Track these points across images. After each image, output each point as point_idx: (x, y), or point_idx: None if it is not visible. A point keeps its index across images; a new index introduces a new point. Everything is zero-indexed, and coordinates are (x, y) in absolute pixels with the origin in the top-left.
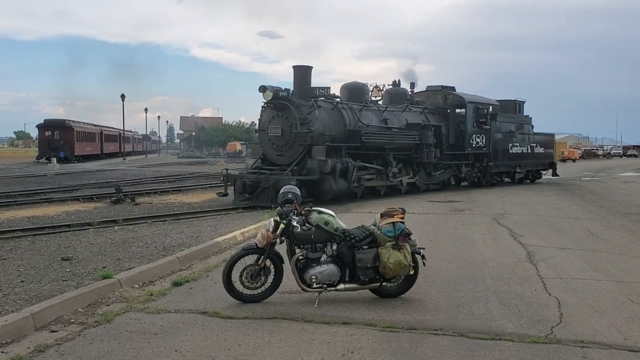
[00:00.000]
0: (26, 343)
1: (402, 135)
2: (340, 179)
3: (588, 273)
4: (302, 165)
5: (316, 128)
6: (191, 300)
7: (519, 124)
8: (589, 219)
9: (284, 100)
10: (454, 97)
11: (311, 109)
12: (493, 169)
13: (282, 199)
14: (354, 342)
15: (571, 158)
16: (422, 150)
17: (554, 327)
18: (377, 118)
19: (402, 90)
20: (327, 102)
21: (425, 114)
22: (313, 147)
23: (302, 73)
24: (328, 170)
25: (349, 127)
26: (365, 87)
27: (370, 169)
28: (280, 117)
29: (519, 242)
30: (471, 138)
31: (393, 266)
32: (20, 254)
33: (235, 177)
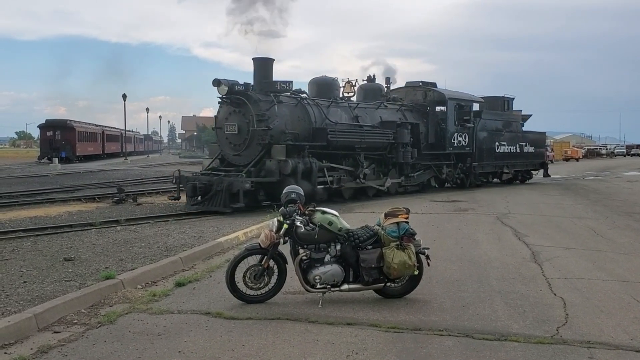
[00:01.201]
0: (29, 344)
1: (374, 133)
2: (303, 181)
3: (593, 273)
4: (261, 166)
5: (276, 125)
6: (194, 300)
7: (507, 122)
8: (594, 219)
9: (241, 95)
10: (434, 94)
11: (271, 104)
12: (477, 169)
13: (285, 199)
14: (359, 342)
15: (574, 157)
16: (398, 150)
17: (560, 327)
18: (347, 115)
19: (377, 86)
20: (291, 97)
21: (402, 111)
22: (273, 146)
23: (263, 66)
24: (289, 172)
25: (315, 125)
26: (335, 81)
27: (338, 170)
28: (237, 113)
29: (523, 241)
30: (453, 137)
31: (397, 266)
32: (23, 254)
33: (188, 179)
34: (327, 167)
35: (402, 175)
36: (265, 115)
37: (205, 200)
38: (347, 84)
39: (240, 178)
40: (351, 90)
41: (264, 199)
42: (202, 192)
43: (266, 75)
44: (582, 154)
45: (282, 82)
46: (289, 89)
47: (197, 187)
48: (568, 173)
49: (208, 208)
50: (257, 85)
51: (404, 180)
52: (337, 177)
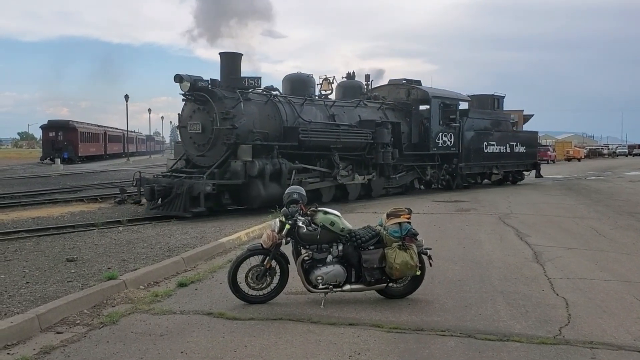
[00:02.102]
0: (32, 344)
1: (351, 133)
2: (272, 183)
3: (595, 273)
4: (226, 167)
5: (243, 124)
6: (196, 301)
7: (496, 121)
8: (596, 219)
9: (204, 92)
10: (418, 92)
11: (237, 102)
12: (464, 170)
13: (287, 200)
14: (361, 343)
15: (576, 157)
16: (378, 151)
17: (562, 327)
18: (323, 114)
19: (356, 83)
20: (261, 95)
21: (383, 110)
22: (239, 146)
23: (230, 61)
24: (255, 173)
25: (286, 124)
26: (310, 78)
27: (312, 172)
28: (201, 111)
29: (525, 242)
30: (437, 137)
31: (399, 267)
32: (25, 255)
33: (148, 181)
34: (299, 168)
35: (383, 176)
36: (231, 113)
37: (165, 203)
38: (325, 81)
39: (201, 180)
40: (329, 88)
41: (229, 202)
42: (162, 196)
43: (234, 71)
44: (584, 154)
45: (250, 78)
46: (257, 85)
47: (155, 190)
48: (570, 173)
49: (167, 212)
50: (224, 81)
51: (385, 181)
52: (299, 179)
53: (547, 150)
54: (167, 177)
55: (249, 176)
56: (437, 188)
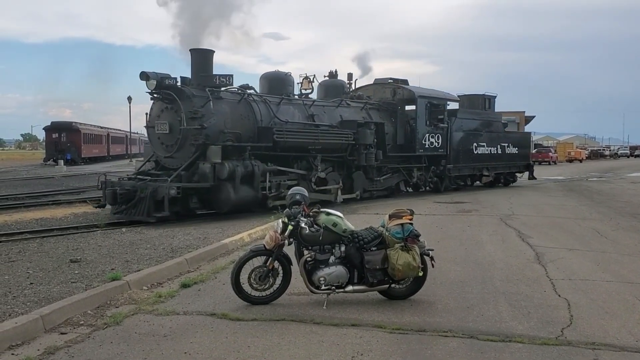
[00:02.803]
0: (36, 345)
1: (331, 134)
2: (244, 186)
3: (598, 274)
4: (194, 169)
5: (213, 124)
6: (200, 302)
7: (486, 122)
8: (598, 220)
9: (171, 90)
10: (403, 92)
11: (206, 100)
12: (453, 172)
13: (290, 201)
14: (364, 344)
15: (578, 158)
16: (360, 152)
17: (565, 328)
18: (301, 114)
19: (338, 82)
20: (235, 93)
21: (367, 109)
22: (208, 147)
23: (201, 58)
24: (225, 176)
25: (261, 124)
26: (288, 77)
27: (289, 174)
28: (169, 110)
29: (527, 243)
30: (424, 138)
31: (402, 268)
32: (29, 256)
33: (113, 184)
34: (274, 170)
35: (367, 178)
36: (199, 112)
37: (128, 208)
38: (305, 80)
39: (166, 183)
40: (309, 87)
41: (198, 206)
42: (125, 199)
43: (205, 68)
44: (586, 155)
45: (222, 75)
46: (228, 83)
47: (117, 193)
48: (571, 174)
49: (130, 217)
50: (195, 79)
51: (369, 184)
52: (277, 182)
53: (548, 152)
54: (132, 180)
55: (218, 179)
56: (425, 191)
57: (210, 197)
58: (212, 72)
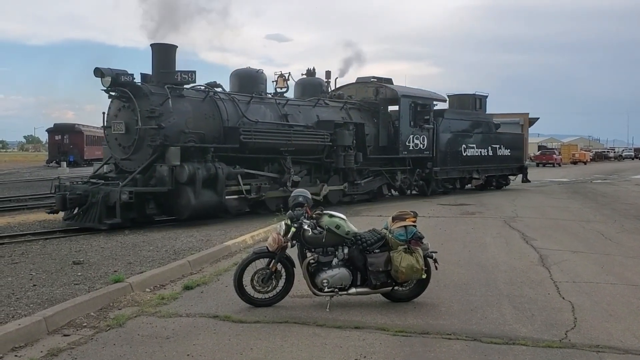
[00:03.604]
0: (39, 347)
1: (306, 134)
2: (206, 191)
3: (602, 277)
4: (152, 172)
5: (172, 123)
6: (202, 304)
7: (476, 122)
8: (602, 222)
9: (126, 88)
10: (386, 91)
11: (164, 98)
12: (440, 175)
13: (292, 203)
14: (367, 346)
15: (582, 160)
16: (338, 154)
17: (569, 331)
18: (274, 113)
19: (316, 80)
20: (199, 91)
21: (346, 109)
22: (167, 148)
23: (163, 53)
24: (185, 179)
25: (227, 124)
26: (261, 74)
27: (259, 177)
28: (126, 109)
29: (531, 245)
30: (408, 139)
31: (405, 270)
32: (32, 257)
33: (67, 188)
34: (241, 173)
35: (346, 182)
36: (156, 111)
37: (79, 213)
38: (280, 78)
39: (117, 188)
40: (284, 85)
41: (155, 212)
42: (75, 205)
43: (167, 64)
44: (590, 157)
45: (184, 72)
46: (191, 80)
47: (67, 198)
48: (576, 176)
49: (82, 224)
50: (155, 76)
51: (349, 187)
52: (257, 185)
53: (552, 154)
54: (84, 184)
55: (177, 183)
56: (411, 194)
57: (169, 202)
58: (175, 69)
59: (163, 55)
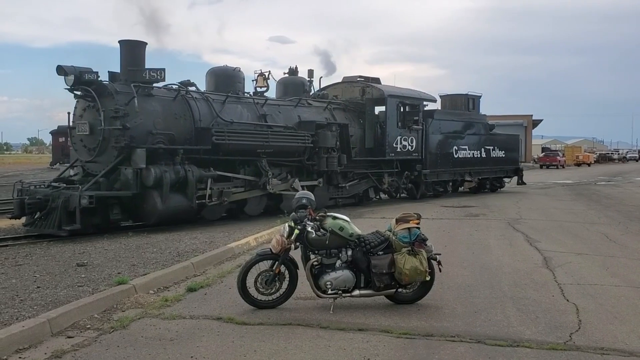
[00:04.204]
0: (43, 349)
1: (285, 135)
2: (175, 195)
3: (606, 279)
4: (117, 175)
5: (139, 124)
6: (206, 306)
7: (468, 123)
8: (606, 224)
9: (89, 86)
10: (372, 91)
11: (131, 98)
12: (430, 177)
13: (296, 205)
14: (370, 348)
15: (586, 162)
16: (320, 156)
17: (573, 333)
18: (251, 113)
19: (299, 80)
20: (170, 90)
21: (330, 110)
22: (133, 150)
23: (131, 50)
24: (151, 183)
25: (200, 124)
26: (238, 73)
27: (234, 180)
28: (90, 109)
29: (535, 247)
30: (395, 141)
31: (409, 272)
32: (36, 259)
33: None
34: (214, 176)
35: (331, 185)
36: (121, 111)
37: (40, 219)
38: (260, 77)
39: (79, 192)
40: (264, 84)
41: (120, 217)
42: (35, 209)
43: (135, 62)
44: (594, 158)
45: (152, 69)
46: (160, 78)
47: (25, 203)
48: (580, 178)
49: (41, 230)
50: (123, 74)
51: (333, 191)
52: (219, 189)
53: (556, 155)
54: (45, 188)
55: (143, 186)
56: (398, 198)
57: (136, 207)
58: (144, 67)
59: (131, 53)
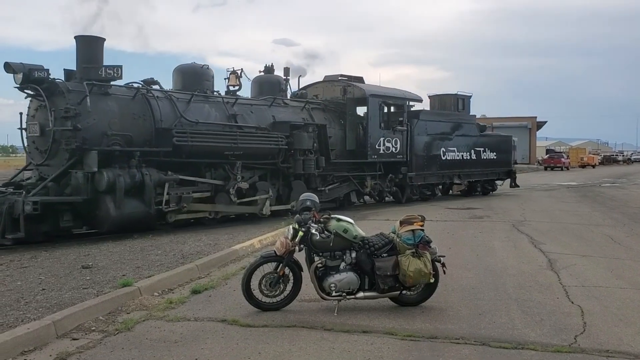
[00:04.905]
0: (48, 351)
1: (257, 137)
2: (131, 200)
3: (611, 281)
4: (68, 179)
5: (92, 124)
6: (210, 308)
7: (457, 124)
8: (611, 226)
9: (38, 84)
10: (354, 90)
11: (83, 96)
12: (416, 180)
13: (300, 207)
14: (375, 351)
15: (590, 164)
16: (296, 158)
17: (578, 336)
18: (220, 113)
19: (274, 78)
20: (130, 88)
21: (308, 110)
22: (86, 152)
23: (87, 46)
24: (104, 187)
25: (161, 125)
26: (207, 70)
27: (199, 184)
28: (42, 109)
29: (539, 249)
30: (378, 142)
31: (413, 274)
32: (41, 262)
33: None
34: (175, 180)
35: (310, 189)
36: (72, 110)
37: None
38: (232, 75)
39: (22, 197)
40: (237, 83)
41: (72, 224)
42: None
43: (92, 59)
44: (599, 160)
45: (108, 67)
46: (117, 76)
47: None
48: (584, 180)
49: None
50: (79, 72)
51: None
52: (177, 194)
53: (561, 157)
54: None
55: (96, 191)
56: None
57: (89, 213)
58: (102, 64)
59: (88, 49)
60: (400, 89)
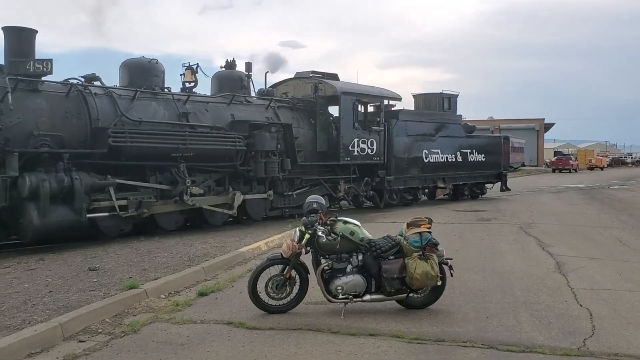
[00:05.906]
0: (55, 353)
1: (210, 138)
2: (58, 207)
3: (620, 284)
4: None
5: (16, 124)
6: (217, 310)
7: (441, 124)
8: (620, 228)
9: None
10: (325, 87)
11: (4, 93)
12: (395, 184)
13: (307, 209)
14: (381, 353)
15: (599, 166)
16: (257, 161)
17: (587, 339)
18: (169, 112)
19: (236, 74)
20: (65, 84)
21: (274, 108)
22: (7, 154)
23: (16, 39)
24: (26, 194)
25: (98, 124)
26: (155, 65)
27: (142, 189)
28: None
29: (547, 252)
30: (351, 143)
31: (420, 277)
32: (48, 264)
33: None
34: (111, 184)
35: (275, 193)
36: None
37: None
38: (188, 71)
39: None
40: (192, 79)
41: None
42: None
43: (22, 52)
44: (607, 162)
45: (38, 61)
46: (46, 70)
47: None
48: (593, 182)
49: None
50: (6, 67)
51: (277, 199)
52: (137, 199)
53: (569, 159)
54: None
55: (18, 198)
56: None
57: (13, 221)
58: (34, 58)
59: (17, 42)
60: (377, 87)
